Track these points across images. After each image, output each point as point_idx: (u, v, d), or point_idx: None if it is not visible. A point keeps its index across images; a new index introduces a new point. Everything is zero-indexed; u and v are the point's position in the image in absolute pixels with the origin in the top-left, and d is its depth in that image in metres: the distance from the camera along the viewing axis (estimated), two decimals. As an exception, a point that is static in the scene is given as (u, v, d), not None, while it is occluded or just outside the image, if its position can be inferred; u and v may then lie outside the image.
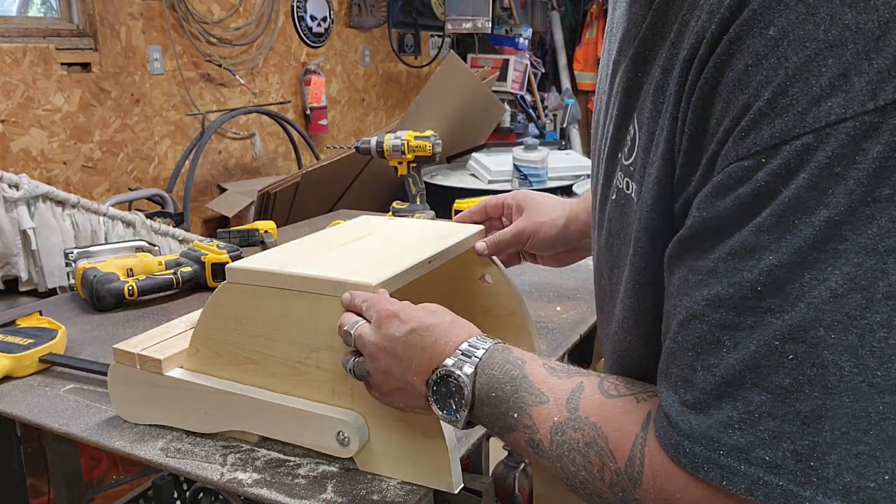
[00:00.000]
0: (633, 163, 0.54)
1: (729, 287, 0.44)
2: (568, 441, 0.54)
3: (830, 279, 0.40)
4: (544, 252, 0.99)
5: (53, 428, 0.88)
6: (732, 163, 0.43)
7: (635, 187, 0.53)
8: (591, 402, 0.55)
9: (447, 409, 0.62)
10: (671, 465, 0.48)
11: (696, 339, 0.46)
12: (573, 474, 0.54)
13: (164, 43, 3.01)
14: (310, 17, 3.72)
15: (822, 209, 0.40)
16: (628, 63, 0.55)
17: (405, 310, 0.67)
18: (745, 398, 0.43)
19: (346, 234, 0.92)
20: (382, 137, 1.66)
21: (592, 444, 0.53)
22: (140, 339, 0.88)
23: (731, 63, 0.43)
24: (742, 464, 0.43)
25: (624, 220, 0.56)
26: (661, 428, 0.49)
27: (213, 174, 3.32)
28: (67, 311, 1.27)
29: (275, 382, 0.79)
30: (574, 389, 0.56)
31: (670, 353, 0.49)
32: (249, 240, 1.65)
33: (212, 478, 0.77)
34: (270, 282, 0.76)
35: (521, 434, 0.57)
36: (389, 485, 0.74)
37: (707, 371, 0.45)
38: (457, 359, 0.62)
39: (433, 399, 0.63)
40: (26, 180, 1.65)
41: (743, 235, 0.43)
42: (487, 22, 4.03)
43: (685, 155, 0.47)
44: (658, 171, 0.50)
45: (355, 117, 4.18)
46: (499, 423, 0.59)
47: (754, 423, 0.43)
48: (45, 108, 2.59)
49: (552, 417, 0.56)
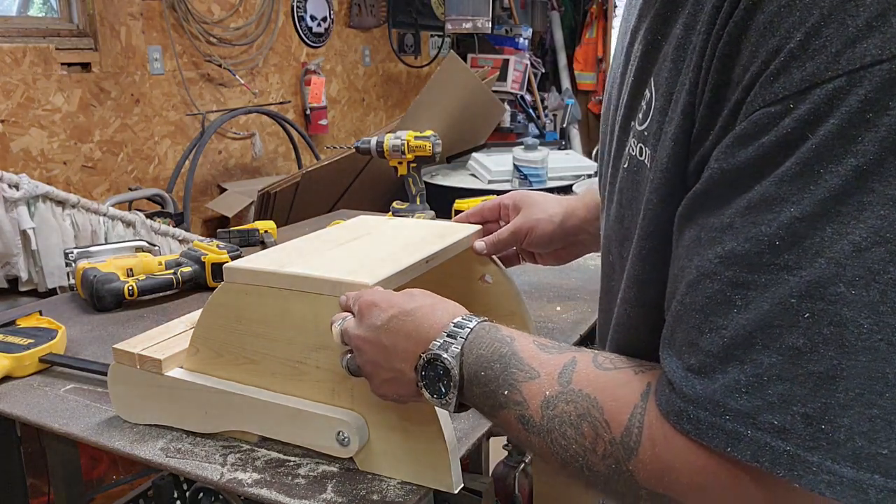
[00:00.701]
0: (647, 127, 0.52)
1: (745, 242, 0.42)
2: (559, 415, 0.53)
3: (854, 232, 0.38)
4: (542, 249, 0.98)
5: (53, 428, 0.88)
6: (758, 110, 0.41)
7: (649, 152, 0.51)
8: (585, 375, 0.53)
9: (437, 393, 0.60)
10: (672, 433, 0.46)
11: (706, 299, 0.44)
12: (564, 448, 0.52)
13: (164, 43, 3.01)
14: (310, 16, 3.72)
15: (849, 158, 0.38)
16: (648, 26, 0.53)
17: (386, 298, 0.66)
18: (753, 361, 0.41)
19: (345, 234, 0.92)
20: (382, 137, 1.66)
21: (586, 415, 0.51)
22: (140, 339, 0.88)
23: (762, 5, 0.41)
24: (749, 429, 0.42)
25: (635, 188, 0.54)
26: (663, 395, 0.47)
27: (213, 174, 3.32)
28: (67, 311, 1.27)
29: (275, 382, 0.79)
30: (566, 364, 0.55)
31: (676, 316, 0.47)
32: (249, 240, 1.65)
33: (212, 478, 0.77)
34: (269, 281, 0.76)
35: (511, 411, 0.56)
36: (389, 485, 0.74)
37: (714, 333, 0.43)
38: (442, 340, 0.60)
39: (423, 384, 0.61)
40: (26, 180, 1.65)
41: (763, 187, 0.41)
42: (487, 22, 4.04)
43: (706, 107, 0.45)
44: (676, 127, 0.47)
45: (355, 117, 4.18)
46: (489, 402, 0.58)
47: (763, 387, 0.41)
48: (45, 108, 2.59)
49: (543, 392, 0.54)
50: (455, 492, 0.72)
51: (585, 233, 0.96)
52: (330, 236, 0.92)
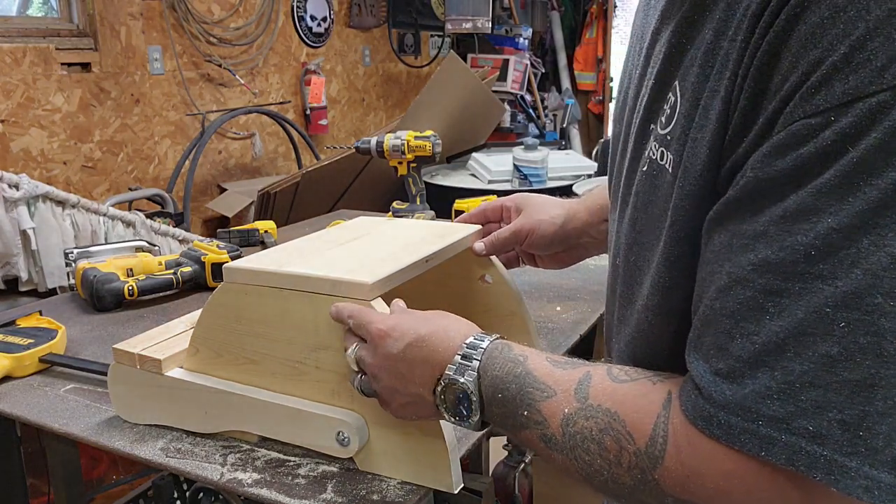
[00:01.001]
0: (670, 131, 0.52)
1: (779, 251, 0.42)
2: (580, 431, 0.53)
3: (892, 244, 0.39)
4: (542, 251, 0.98)
5: (53, 428, 0.88)
6: (797, 120, 0.41)
7: (671, 157, 0.51)
8: (602, 389, 0.54)
9: (459, 416, 0.61)
10: (698, 438, 0.46)
11: (737, 305, 0.44)
12: (588, 464, 0.53)
13: (164, 43, 3.01)
14: (310, 16, 3.72)
15: (890, 171, 0.38)
16: (673, 29, 0.53)
17: (397, 326, 0.66)
18: (784, 368, 0.42)
19: (344, 234, 0.92)
20: (382, 137, 1.66)
21: (608, 429, 0.51)
22: (140, 339, 0.88)
23: (804, 16, 0.41)
24: (782, 434, 0.42)
25: (653, 192, 0.54)
26: (689, 401, 0.47)
27: (213, 174, 3.32)
28: (67, 311, 1.27)
29: (274, 382, 0.79)
30: (581, 379, 0.55)
31: (704, 320, 0.47)
32: (249, 240, 1.65)
33: (212, 478, 0.77)
34: (268, 281, 0.76)
35: (532, 431, 0.56)
36: (389, 485, 0.74)
37: (745, 339, 0.44)
38: (457, 365, 0.61)
39: (443, 408, 0.62)
40: (26, 180, 1.65)
41: (800, 197, 0.41)
42: (487, 22, 4.04)
43: (741, 115, 0.45)
44: (711, 134, 0.47)
45: (355, 117, 4.18)
46: (509, 421, 0.58)
47: (795, 393, 0.41)
48: (45, 108, 2.59)
49: (562, 409, 0.54)
50: (455, 492, 0.72)
51: (587, 236, 0.95)
52: (330, 236, 0.92)
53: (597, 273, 1.40)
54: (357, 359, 0.68)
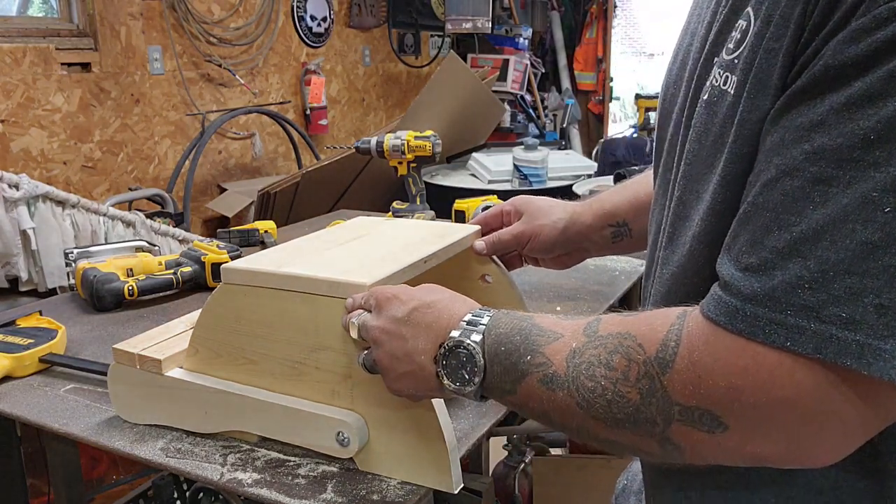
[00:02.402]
0: (737, 55, 0.50)
1: (837, 137, 0.41)
2: (587, 360, 0.52)
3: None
4: (545, 255, 0.98)
5: (53, 428, 0.88)
6: (880, 6, 0.40)
7: (736, 79, 0.50)
8: (613, 321, 0.53)
9: (459, 380, 0.60)
10: (717, 335, 0.45)
11: (782, 196, 0.43)
12: (590, 390, 0.51)
13: (164, 43, 3.01)
14: (310, 16, 3.72)
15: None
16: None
17: (405, 290, 0.66)
18: (818, 257, 0.41)
19: (343, 234, 0.92)
20: (382, 137, 1.66)
21: (617, 348, 0.50)
22: (140, 340, 0.88)
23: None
24: (812, 322, 0.41)
25: (711, 119, 0.53)
26: (712, 301, 0.47)
27: (213, 174, 3.32)
28: (67, 311, 1.27)
29: (274, 382, 0.79)
30: (591, 322, 0.54)
31: (743, 218, 0.46)
32: (249, 240, 1.65)
33: (212, 478, 0.77)
34: (267, 282, 0.76)
35: (533, 377, 0.55)
36: (389, 485, 0.74)
37: (783, 230, 0.43)
38: (463, 328, 0.60)
39: (444, 373, 0.61)
40: (26, 180, 1.65)
41: (867, 82, 0.40)
42: (487, 22, 4.04)
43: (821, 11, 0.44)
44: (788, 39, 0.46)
45: (355, 117, 4.18)
46: (509, 378, 0.57)
47: (828, 282, 0.41)
48: (45, 108, 2.59)
49: (569, 345, 0.53)
50: (455, 492, 0.72)
51: (588, 240, 0.95)
52: (328, 237, 0.92)
53: (597, 273, 1.40)
54: (360, 324, 0.67)
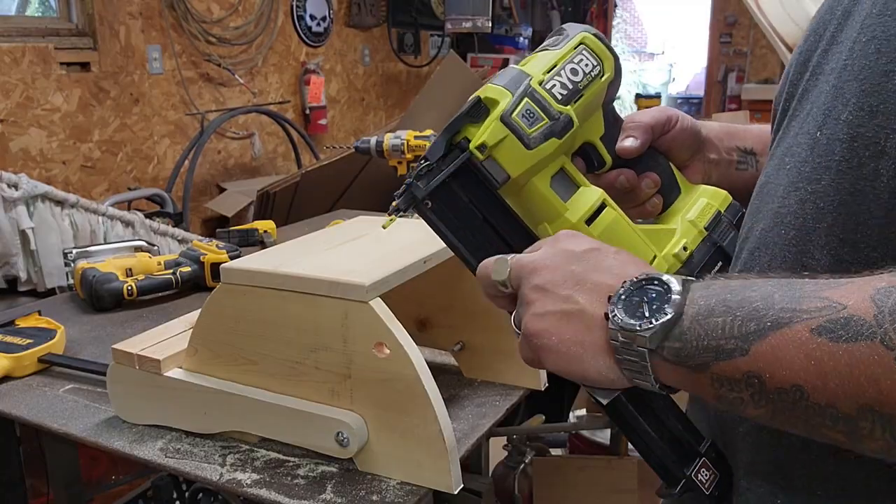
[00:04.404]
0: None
1: None
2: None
3: None
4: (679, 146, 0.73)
5: (53, 428, 0.88)
6: None
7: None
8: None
9: (636, 316, 0.45)
10: None
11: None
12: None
13: (164, 42, 3.01)
14: (309, 16, 3.71)
15: None
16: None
17: (582, 235, 0.54)
18: None
19: (343, 235, 0.92)
20: (382, 137, 1.65)
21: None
22: (139, 340, 0.88)
23: None
24: None
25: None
26: None
27: (213, 174, 3.32)
28: (66, 311, 1.27)
29: (274, 383, 0.79)
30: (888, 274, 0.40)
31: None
32: (249, 240, 1.65)
33: (211, 478, 0.77)
34: (266, 282, 0.76)
35: (798, 326, 0.39)
36: (389, 485, 0.74)
37: None
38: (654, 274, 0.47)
39: (620, 306, 0.46)
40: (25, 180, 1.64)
41: None
42: (487, 21, 4.04)
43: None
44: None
45: (355, 117, 4.18)
46: (740, 330, 0.41)
47: None
48: (45, 108, 2.59)
49: (873, 286, 0.38)
50: (455, 492, 0.72)
51: (716, 152, 0.75)
52: (327, 237, 0.92)
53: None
54: (514, 262, 0.52)
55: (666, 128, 0.69)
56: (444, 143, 0.59)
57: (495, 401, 0.91)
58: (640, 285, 0.46)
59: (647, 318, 0.44)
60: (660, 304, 0.44)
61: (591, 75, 0.61)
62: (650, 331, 0.44)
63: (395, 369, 0.71)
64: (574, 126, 0.60)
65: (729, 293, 0.43)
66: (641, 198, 0.68)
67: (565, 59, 0.61)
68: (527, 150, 0.58)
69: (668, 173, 0.69)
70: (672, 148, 0.71)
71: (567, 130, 0.59)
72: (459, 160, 0.58)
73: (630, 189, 0.68)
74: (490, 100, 0.59)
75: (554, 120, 0.58)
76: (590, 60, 0.62)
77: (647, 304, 0.45)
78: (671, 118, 0.70)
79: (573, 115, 0.60)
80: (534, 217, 0.61)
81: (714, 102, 6.03)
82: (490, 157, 0.58)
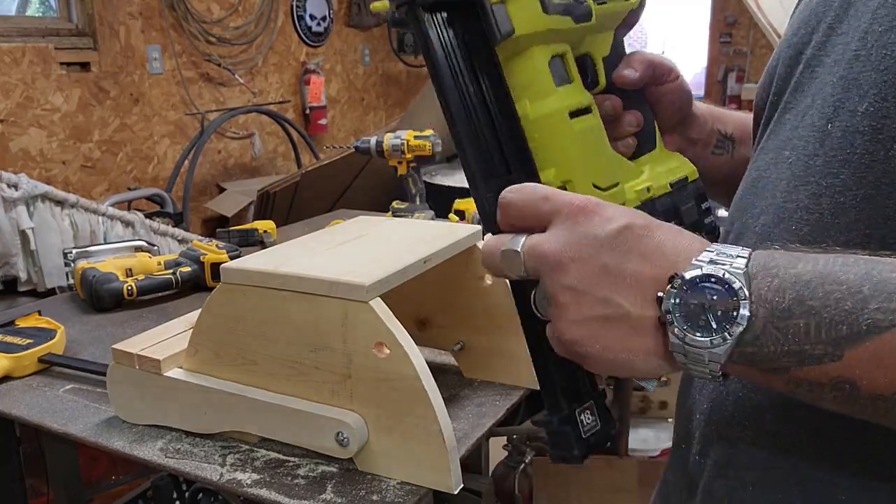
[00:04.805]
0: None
1: None
2: None
3: None
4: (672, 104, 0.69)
5: (52, 428, 0.88)
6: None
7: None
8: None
9: (703, 331, 0.40)
10: None
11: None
12: None
13: (164, 42, 3.01)
14: (309, 16, 3.71)
15: None
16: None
17: (606, 205, 0.45)
18: None
19: (343, 234, 0.92)
20: (382, 137, 1.65)
21: None
22: (139, 340, 0.88)
23: None
24: None
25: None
26: None
27: (213, 174, 3.32)
28: (66, 311, 1.27)
29: (274, 383, 0.79)
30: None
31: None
32: (249, 239, 1.65)
33: (211, 478, 0.77)
34: (266, 282, 0.76)
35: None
36: (389, 485, 0.74)
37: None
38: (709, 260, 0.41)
39: (676, 317, 0.40)
40: (25, 180, 1.64)
41: None
42: (487, 21, 4.03)
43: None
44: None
45: (355, 117, 4.18)
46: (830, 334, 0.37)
47: None
48: (45, 108, 2.59)
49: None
50: (455, 492, 0.72)
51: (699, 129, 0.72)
52: (327, 237, 0.92)
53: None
54: (528, 247, 0.45)
55: (665, 78, 0.66)
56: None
57: (495, 401, 0.91)
58: (693, 284, 0.40)
59: (715, 332, 0.39)
60: (726, 312, 0.39)
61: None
62: (723, 347, 0.39)
63: (395, 369, 0.71)
64: (591, 21, 0.58)
65: (805, 287, 0.38)
66: (619, 132, 0.65)
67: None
68: (542, 13, 0.55)
69: (649, 122, 0.67)
70: (661, 103, 0.67)
71: (584, 20, 0.58)
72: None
73: (613, 118, 0.64)
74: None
75: (577, 2, 0.57)
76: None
77: (710, 311, 0.40)
78: (673, 71, 0.66)
79: (594, 11, 0.58)
80: (520, 90, 0.57)
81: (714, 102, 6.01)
82: (503, 2, 0.54)
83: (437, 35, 0.54)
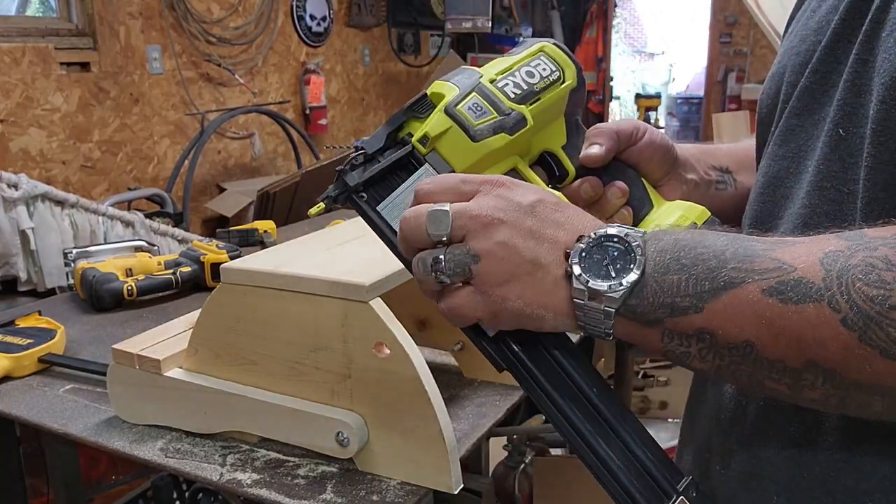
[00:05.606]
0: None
1: None
2: (864, 261, 0.38)
3: None
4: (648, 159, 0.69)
5: (52, 428, 0.88)
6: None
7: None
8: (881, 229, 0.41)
9: (603, 276, 0.44)
10: None
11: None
12: (872, 300, 0.37)
13: (164, 42, 3.01)
14: (309, 16, 3.71)
15: None
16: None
17: (518, 181, 0.50)
18: None
19: (343, 235, 0.92)
20: (382, 137, 1.65)
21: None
22: (139, 340, 0.88)
23: None
24: None
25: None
26: None
27: (213, 174, 3.32)
28: (66, 311, 1.27)
29: (274, 383, 0.79)
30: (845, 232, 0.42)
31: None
32: (249, 240, 1.65)
33: (211, 478, 0.77)
34: (266, 282, 0.76)
35: (749, 286, 0.40)
36: (389, 485, 0.74)
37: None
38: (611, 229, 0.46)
39: (582, 266, 0.45)
40: (25, 180, 1.65)
41: None
42: (487, 21, 4.03)
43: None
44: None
45: (355, 117, 4.18)
46: (695, 289, 0.42)
47: None
48: (45, 108, 2.59)
49: (822, 248, 0.40)
50: (455, 492, 0.72)
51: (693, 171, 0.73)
52: (327, 237, 0.92)
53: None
54: (457, 211, 0.47)
55: (633, 138, 0.66)
56: (384, 136, 0.55)
57: (495, 401, 0.91)
58: (598, 242, 0.45)
59: (614, 279, 0.44)
60: (624, 264, 0.44)
61: (548, 80, 0.59)
62: (619, 292, 0.44)
63: (395, 369, 0.71)
64: (528, 125, 0.57)
65: (681, 250, 0.44)
66: (609, 209, 0.65)
67: (521, 62, 0.59)
68: (472, 143, 0.55)
69: (638, 185, 0.66)
70: (641, 161, 0.67)
71: (519, 128, 0.56)
72: (400, 152, 0.55)
73: (595, 198, 0.64)
74: (436, 94, 0.56)
75: (504, 115, 0.56)
76: (548, 66, 0.60)
77: (610, 263, 0.45)
78: (638, 128, 0.67)
79: (527, 115, 0.57)
80: None
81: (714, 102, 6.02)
82: (433, 150, 0.54)
83: (377, 215, 0.55)
